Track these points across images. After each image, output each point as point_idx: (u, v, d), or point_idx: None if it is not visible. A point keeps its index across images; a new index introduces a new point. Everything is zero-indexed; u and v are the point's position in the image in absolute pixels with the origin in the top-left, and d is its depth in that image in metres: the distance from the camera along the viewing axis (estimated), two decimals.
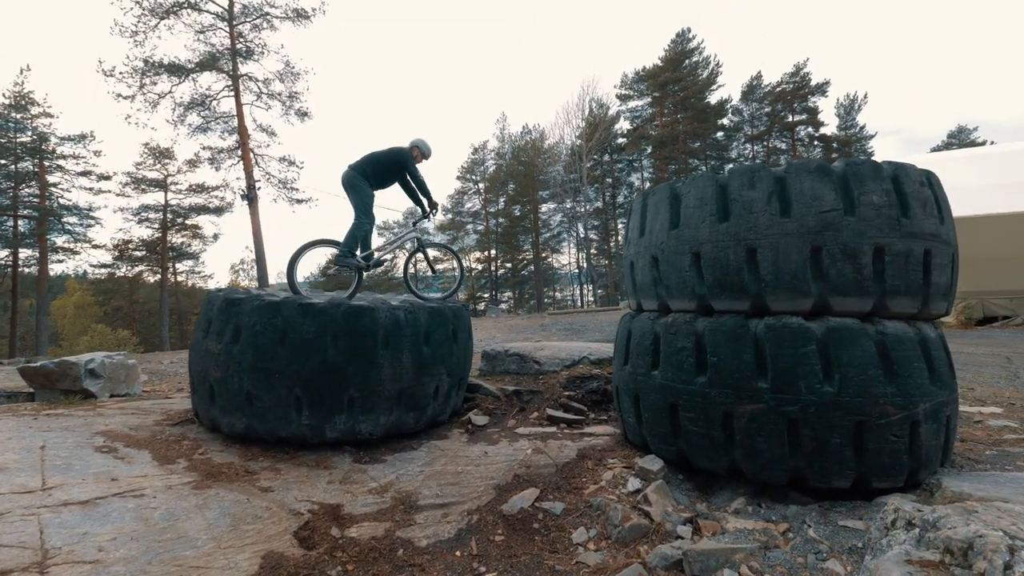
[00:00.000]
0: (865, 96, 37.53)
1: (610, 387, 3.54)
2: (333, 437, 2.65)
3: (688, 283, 2.40)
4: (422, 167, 4.22)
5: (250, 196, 19.95)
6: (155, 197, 29.99)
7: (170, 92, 20.01)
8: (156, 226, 30.47)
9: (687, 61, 37.21)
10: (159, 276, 31.00)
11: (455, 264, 5.05)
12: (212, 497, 1.98)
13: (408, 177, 4.05)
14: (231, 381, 2.61)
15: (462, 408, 3.37)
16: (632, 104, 39.53)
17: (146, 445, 2.45)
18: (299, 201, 22.56)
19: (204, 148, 22.13)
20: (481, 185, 42.09)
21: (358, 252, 3.90)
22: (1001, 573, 1.09)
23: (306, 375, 2.57)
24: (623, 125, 39.51)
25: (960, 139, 38.12)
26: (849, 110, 37.58)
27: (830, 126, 37.57)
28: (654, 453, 2.54)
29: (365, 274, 3.93)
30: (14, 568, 1.40)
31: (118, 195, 28.47)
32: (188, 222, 31.41)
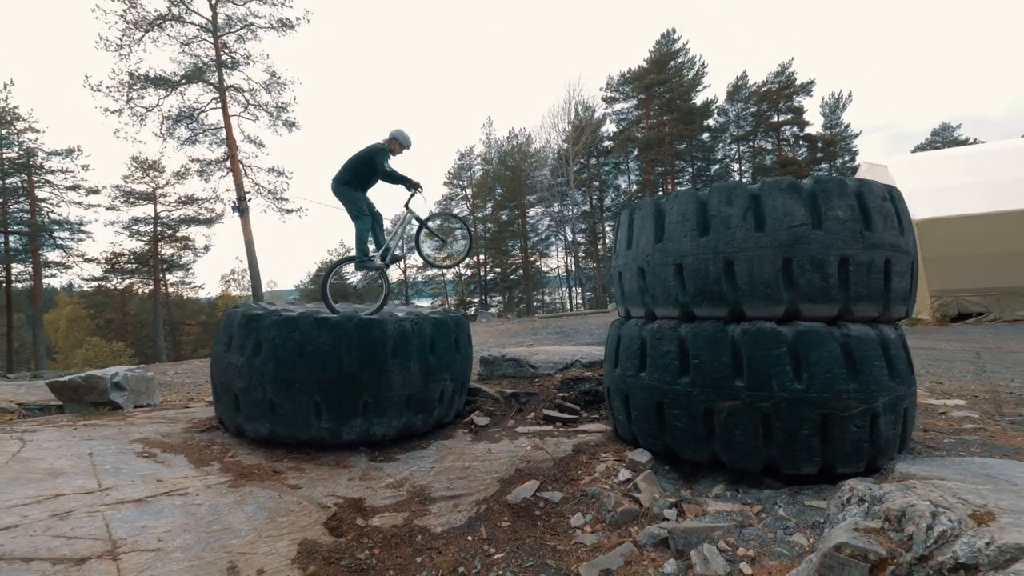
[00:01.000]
0: (850, 95, 38.22)
1: (601, 388, 3.78)
2: (350, 439, 2.86)
3: (672, 292, 2.65)
4: (401, 158, 4.37)
5: (241, 207, 20.01)
6: (145, 210, 29.94)
7: (157, 105, 20.07)
8: (147, 238, 30.37)
9: (672, 62, 37.69)
10: (151, 288, 30.84)
11: (462, 235, 5.06)
12: (248, 494, 2.19)
13: (380, 174, 4.15)
14: (254, 391, 2.82)
15: (465, 410, 3.59)
16: (618, 106, 39.98)
17: (180, 450, 2.65)
18: (289, 211, 22.67)
19: (193, 160, 22.19)
20: (469, 191, 42.26)
21: (372, 253, 4.06)
22: (924, 533, 1.33)
23: (324, 383, 2.78)
24: (609, 128, 39.95)
25: (943, 136, 38.92)
26: (834, 109, 38.23)
27: (815, 125, 38.22)
28: (643, 447, 2.78)
29: (388, 271, 4.10)
30: (91, 556, 1.60)
31: (108, 208, 28.38)
32: (179, 234, 31.35)
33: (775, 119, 37.79)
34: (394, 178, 4.21)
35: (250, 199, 20.81)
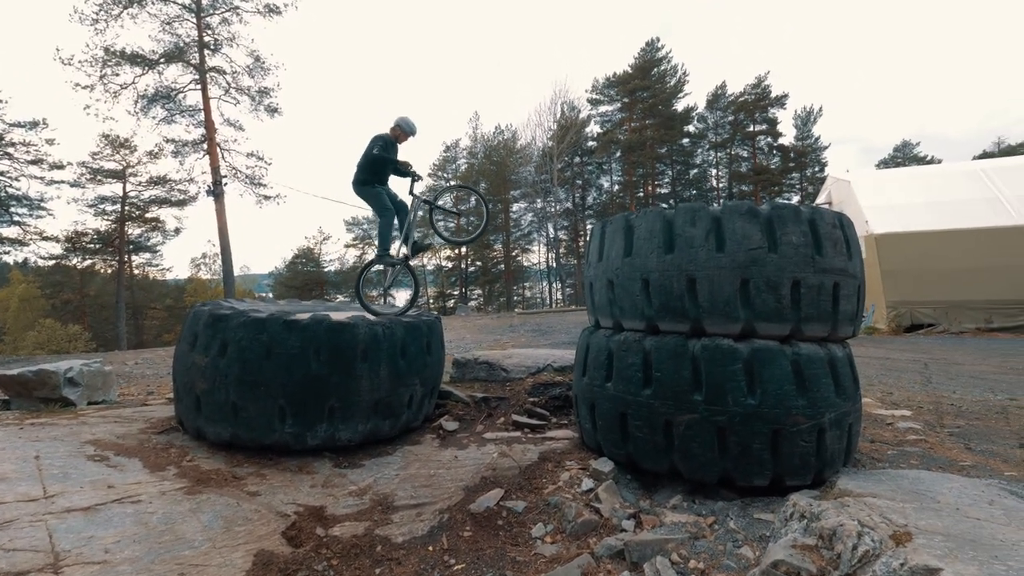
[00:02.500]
0: (820, 109, 39.51)
1: (570, 393, 3.86)
2: (314, 444, 2.85)
3: (638, 305, 2.72)
4: (407, 145, 4.35)
5: (216, 191, 19.46)
6: (113, 188, 28.80)
7: (133, 83, 19.28)
8: (113, 218, 29.22)
9: (655, 69, 38.31)
10: (114, 269, 29.71)
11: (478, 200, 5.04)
12: (204, 501, 2.17)
13: (388, 167, 4.10)
14: (217, 392, 2.78)
15: (434, 414, 3.62)
16: (602, 109, 40.38)
17: (135, 453, 2.60)
18: (267, 197, 22.15)
19: (168, 140, 21.43)
20: (453, 183, 42.10)
21: (398, 248, 4.10)
22: (850, 552, 1.43)
23: (290, 387, 2.77)
24: (593, 129, 40.35)
25: (904, 152, 40.68)
26: (806, 121, 39.48)
27: (788, 136, 39.45)
28: (606, 456, 2.86)
29: (414, 262, 4.12)
30: (31, 569, 1.57)
31: (73, 185, 27.16)
32: (148, 214, 30.25)
33: (751, 128, 38.84)
34: (392, 168, 4.18)
35: (226, 183, 20.25)
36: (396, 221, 4.17)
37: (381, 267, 4.24)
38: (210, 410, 2.82)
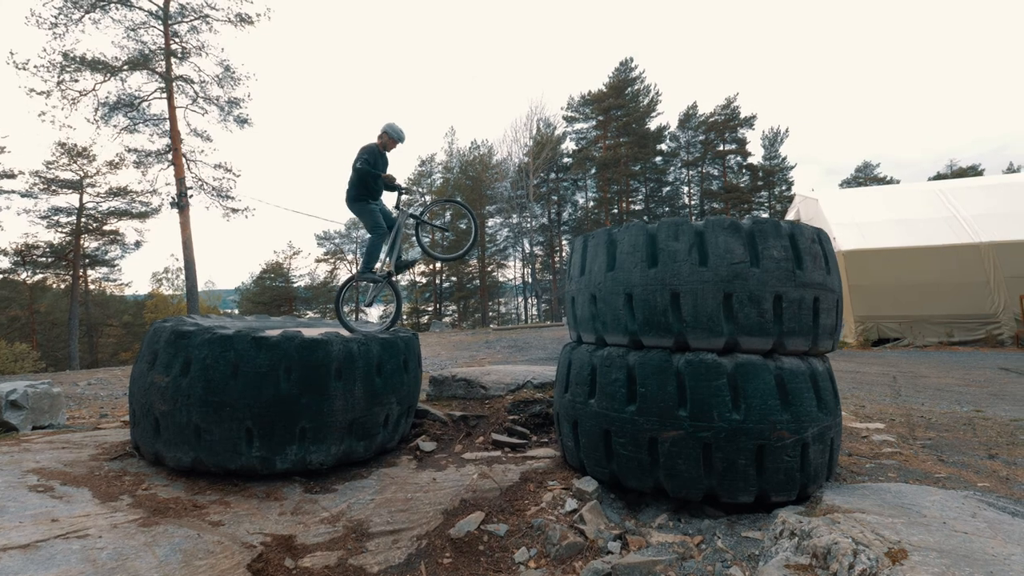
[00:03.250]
0: (787, 130, 41.35)
1: (551, 411, 3.78)
2: (284, 468, 2.69)
3: (622, 320, 2.69)
4: (396, 152, 4.30)
5: (180, 203, 18.76)
6: (68, 199, 27.42)
7: (93, 90, 18.50)
8: (67, 230, 27.84)
9: (629, 89, 39.44)
10: (67, 283, 28.22)
11: (469, 224, 4.98)
12: (161, 534, 1.99)
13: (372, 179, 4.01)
14: (179, 414, 2.60)
15: (410, 434, 3.48)
16: (578, 126, 41.23)
17: (84, 482, 2.39)
18: (234, 210, 21.48)
19: (130, 150, 20.59)
20: (428, 198, 41.99)
21: (383, 264, 3.97)
22: (847, 571, 1.39)
23: (258, 407, 2.61)
24: (569, 145, 41.11)
25: (866, 173, 42.79)
26: (773, 142, 41.19)
27: (757, 156, 41.05)
28: (590, 475, 2.79)
29: (397, 279, 4.02)
30: None
31: (24, 195, 25.81)
32: (106, 227, 28.94)
33: (721, 148, 40.28)
34: (374, 180, 4.10)
35: (191, 195, 19.56)
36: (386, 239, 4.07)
37: (363, 284, 4.10)
38: (170, 433, 2.63)
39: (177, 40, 19.35)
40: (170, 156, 19.55)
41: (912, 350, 8.55)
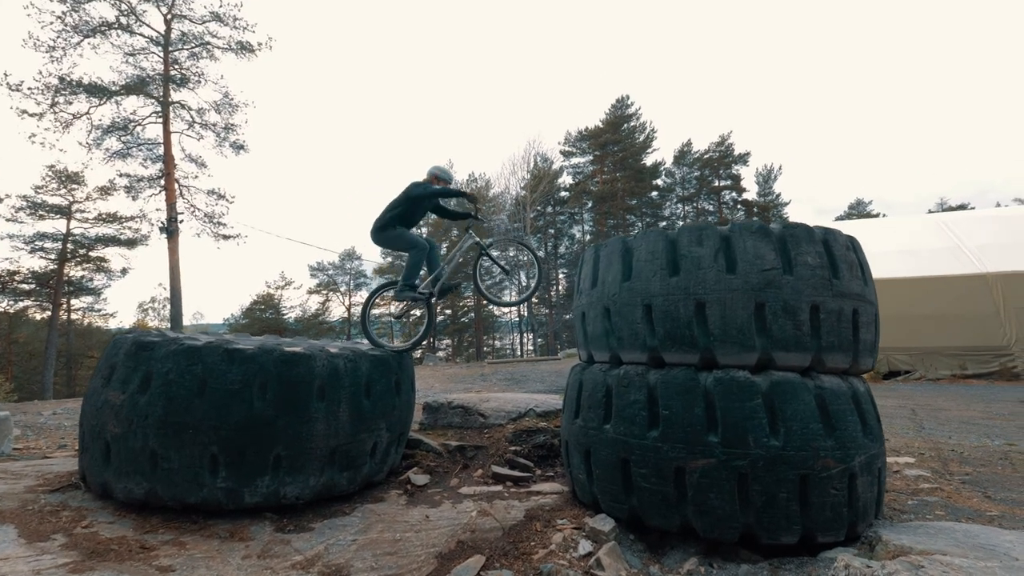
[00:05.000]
0: (780, 168, 42.30)
1: (556, 441, 3.45)
2: (253, 502, 2.32)
3: (640, 335, 2.42)
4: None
5: (170, 229, 18.39)
6: (55, 225, 26.93)
7: (87, 113, 18.33)
8: (52, 256, 27.27)
9: (626, 125, 40.47)
10: (49, 313, 27.38)
11: (531, 259, 4.80)
12: None
13: (427, 204, 3.96)
14: (133, 437, 2.25)
15: (401, 466, 3.12)
16: (574, 160, 41.99)
17: (12, 518, 2.01)
18: (226, 237, 21.14)
19: (121, 175, 20.32)
20: (425, 230, 42.11)
21: (421, 283, 3.79)
22: None
23: (226, 431, 2.27)
24: (566, 179, 41.71)
25: (859, 210, 43.64)
26: (767, 179, 42.07)
27: (751, 192, 41.83)
28: (605, 512, 2.45)
29: (435, 302, 3.84)
30: None
31: (9, 220, 25.37)
32: (92, 254, 28.37)
33: (716, 184, 41.10)
34: (445, 212, 4.10)
35: (182, 220, 19.21)
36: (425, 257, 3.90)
37: (398, 300, 3.83)
38: (122, 460, 2.27)
39: (177, 67, 19.46)
40: (162, 181, 19.30)
41: (925, 383, 8.26)
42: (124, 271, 29.37)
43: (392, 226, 3.84)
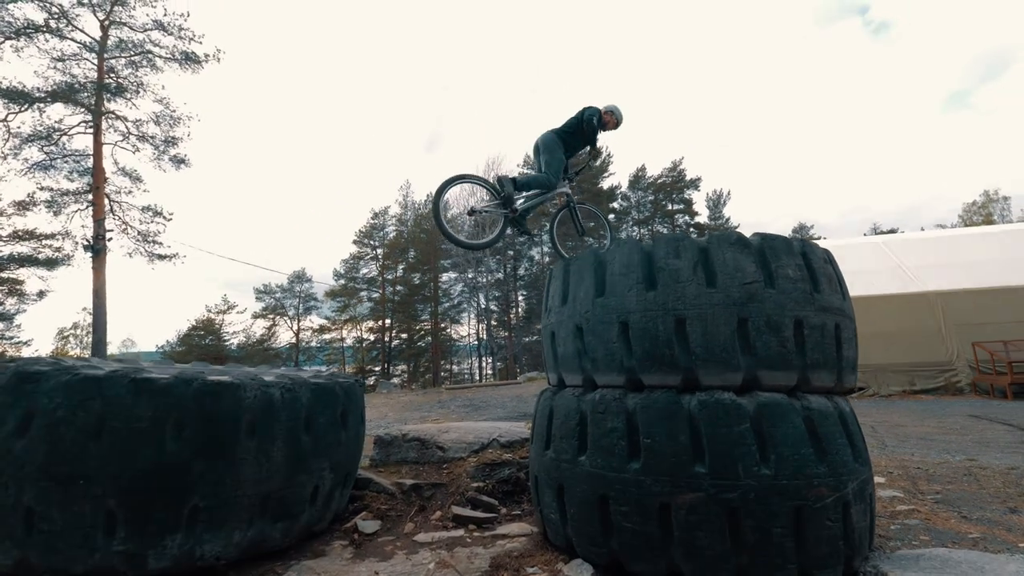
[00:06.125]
0: (728, 193, 44.60)
1: (523, 474, 3.16)
2: (160, 567, 1.90)
3: (616, 355, 2.21)
4: (611, 135, 4.37)
5: (96, 247, 16.80)
6: None
7: (4, 120, 16.75)
8: None
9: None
10: None
11: (604, 224, 4.95)
12: None
13: (585, 137, 4.01)
14: (3, 493, 1.80)
15: (347, 511, 2.73)
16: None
17: None
18: (161, 257, 19.60)
19: (42, 188, 18.54)
20: (379, 251, 41.13)
21: (521, 200, 3.83)
22: None
23: (128, 480, 1.85)
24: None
25: (802, 233, 46.47)
26: (717, 203, 44.24)
27: (703, 216, 43.78)
28: (581, 557, 2.18)
29: (509, 225, 3.87)
30: None
31: None
32: (5, 275, 25.63)
33: (670, 207, 42.72)
34: (593, 141, 4.12)
35: (110, 239, 17.63)
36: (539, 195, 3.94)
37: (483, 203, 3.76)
38: None
39: (113, 75, 18.13)
40: (90, 196, 17.75)
41: (878, 399, 8.55)
42: (42, 294, 26.46)
43: (565, 144, 3.85)
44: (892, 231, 42.37)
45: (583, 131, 4.07)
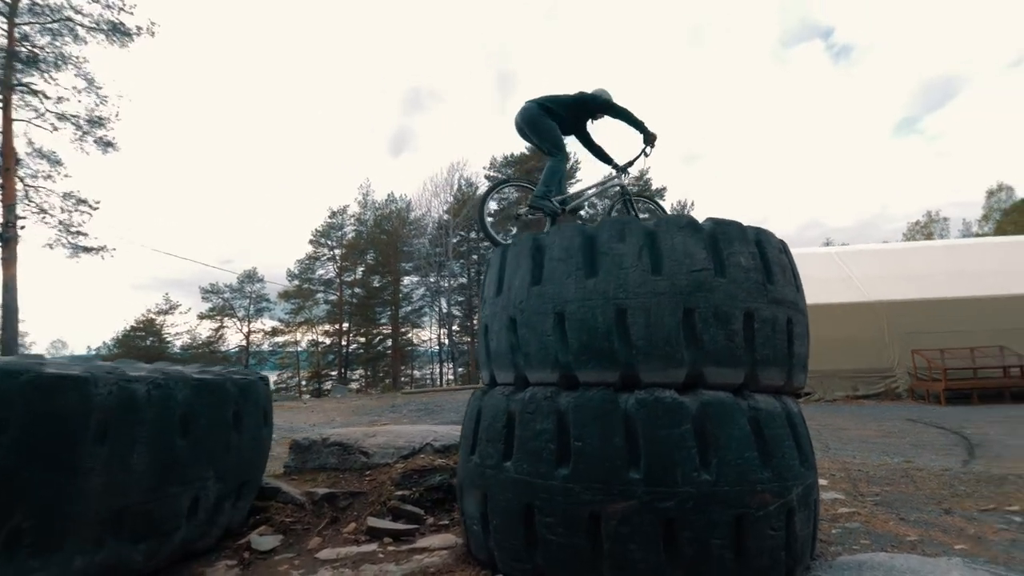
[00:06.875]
0: (692, 204, 45.86)
1: (455, 481, 2.89)
2: None
3: (550, 349, 1.98)
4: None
5: (5, 235, 15.08)
6: None
7: None
8: None
9: None
10: None
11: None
12: None
13: (601, 116, 3.67)
14: None
15: (245, 525, 2.37)
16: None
17: None
18: (87, 249, 17.61)
19: None
20: (337, 252, 39.72)
21: (554, 196, 3.51)
22: None
23: None
24: (491, 205, 41.73)
25: None
26: (682, 212, 45.41)
27: None
28: (503, 573, 1.93)
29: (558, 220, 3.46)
30: None
31: None
32: None
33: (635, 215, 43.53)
34: (629, 119, 3.62)
35: (23, 227, 15.84)
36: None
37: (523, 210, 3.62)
38: None
39: (26, 44, 16.03)
40: None
41: (823, 404, 8.78)
42: None
43: (552, 116, 3.44)
44: (843, 244, 44.76)
45: (581, 112, 3.69)
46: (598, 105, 3.69)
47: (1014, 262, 10.84)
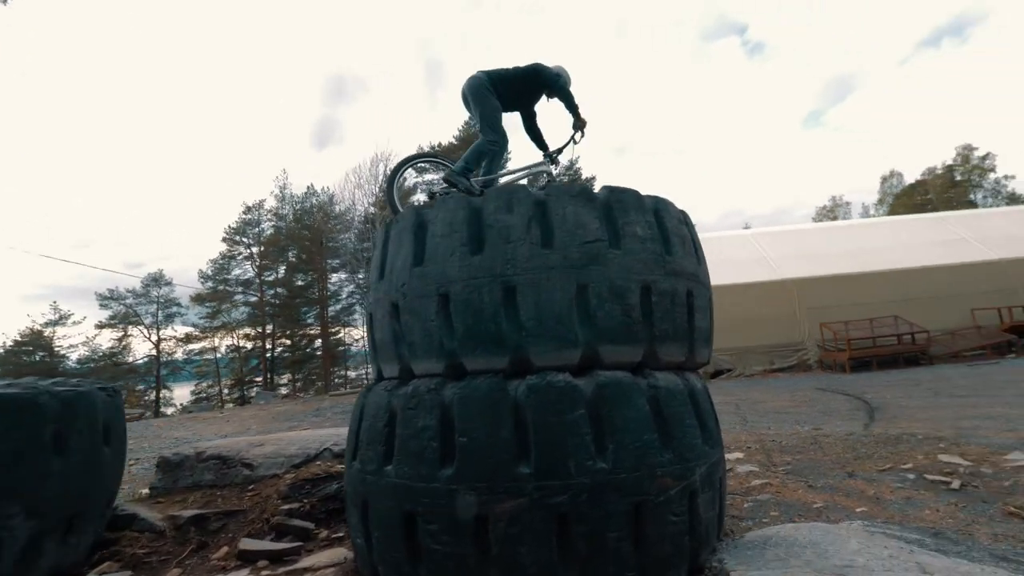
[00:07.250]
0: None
1: None
2: None
3: (434, 336, 1.76)
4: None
5: None
6: None
7: None
8: None
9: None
10: None
11: None
12: None
13: (547, 98, 3.53)
14: None
15: (86, 564, 1.97)
16: (428, 177, 40.98)
17: None
18: None
19: None
20: (255, 250, 37.01)
21: (479, 175, 3.34)
22: None
23: None
24: (420, 197, 40.54)
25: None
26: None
27: None
28: None
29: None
30: None
31: None
32: None
33: None
34: (569, 103, 3.49)
35: None
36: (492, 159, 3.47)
37: (443, 184, 3.29)
38: None
39: None
40: None
41: (743, 379, 9.27)
42: None
43: (498, 90, 3.29)
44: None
45: (531, 87, 3.48)
46: (557, 87, 3.49)
47: (905, 239, 12.05)
